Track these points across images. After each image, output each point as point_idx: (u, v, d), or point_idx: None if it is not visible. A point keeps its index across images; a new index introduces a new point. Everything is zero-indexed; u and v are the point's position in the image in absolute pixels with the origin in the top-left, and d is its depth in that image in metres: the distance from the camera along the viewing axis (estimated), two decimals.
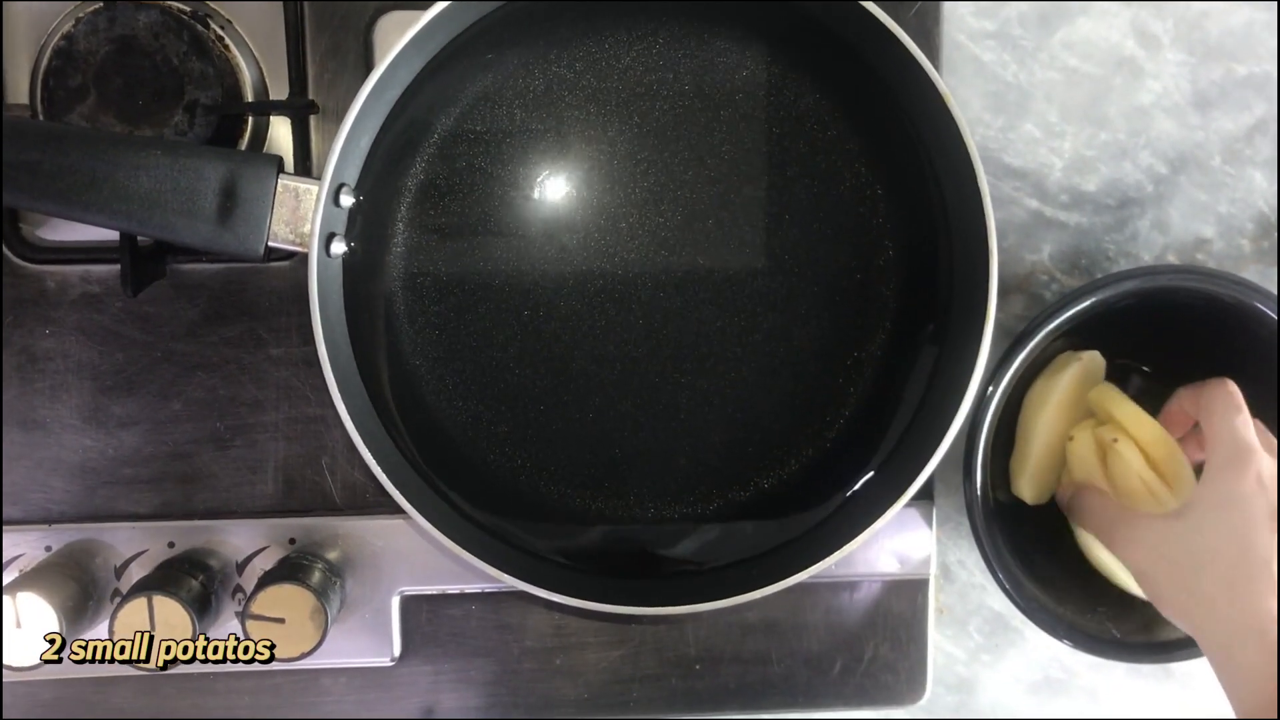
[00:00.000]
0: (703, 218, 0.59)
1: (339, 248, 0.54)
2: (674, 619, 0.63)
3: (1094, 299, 0.59)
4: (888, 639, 0.65)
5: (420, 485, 0.57)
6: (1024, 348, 0.59)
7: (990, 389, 0.59)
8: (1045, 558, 0.63)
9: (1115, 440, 0.60)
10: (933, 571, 0.65)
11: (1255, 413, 0.57)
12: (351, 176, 0.54)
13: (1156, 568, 0.55)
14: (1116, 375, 0.64)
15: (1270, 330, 0.59)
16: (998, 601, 0.67)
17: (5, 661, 0.55)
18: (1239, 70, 0.65)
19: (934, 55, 0.63)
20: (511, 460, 0.59)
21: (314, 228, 0.51)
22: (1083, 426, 0.62)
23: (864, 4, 0.52)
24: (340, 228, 0.54)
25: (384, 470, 0.53)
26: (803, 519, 0.59)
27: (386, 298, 0.58)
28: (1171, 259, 0.66)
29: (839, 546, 0.55)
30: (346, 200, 0.53)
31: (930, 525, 0.64)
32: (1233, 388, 0.58)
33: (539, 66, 0.58)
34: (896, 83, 0.55)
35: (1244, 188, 0.66)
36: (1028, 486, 0.62)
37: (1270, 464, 0.55)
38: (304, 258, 0.53)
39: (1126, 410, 0.60)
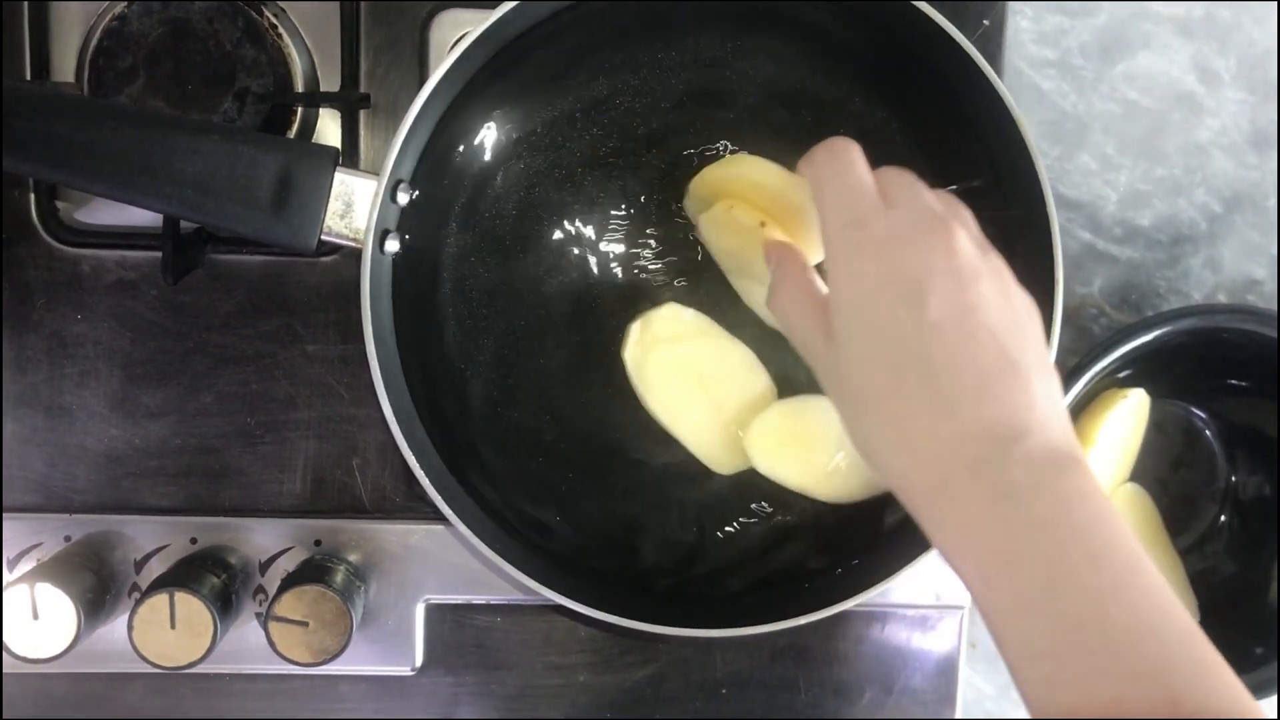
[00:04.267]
0: None
1: (393, 245, 0.53)
2: (710, 642, 0.62)
3: (1150, 335, 0.58)
4: (918, 671, 0.64)
5: (459, 492, 0.55)
6: (1075, 383, 0.58)
7: None
8: None
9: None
10: (967, 604, 0.64)
11: None
12: (408, 173, 0.53)
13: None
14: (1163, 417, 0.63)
15: None
16: None
17: (20, 653, 0.54)
18: None
19: None
20: (555, 470, 0.57)
21: (370, 224, 0.50)
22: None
23: (952, 34, 0.52)
24: (393, 225, 0.53)
25: (425, 473, 0.52)
26: (848, 547, 0.58)
27: (435, 299, 0.56)
28: (1222, 298, 0.65)
29: (881, 579, 0.54)
30: (403, 197, 0.52)
31: None
32: (842, 143, 0.43)
33: (605, 75, 0.56)
34: (966, 103, 0.54)
35: None
36: None
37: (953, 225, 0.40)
38: (349, 253, 0.52)
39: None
